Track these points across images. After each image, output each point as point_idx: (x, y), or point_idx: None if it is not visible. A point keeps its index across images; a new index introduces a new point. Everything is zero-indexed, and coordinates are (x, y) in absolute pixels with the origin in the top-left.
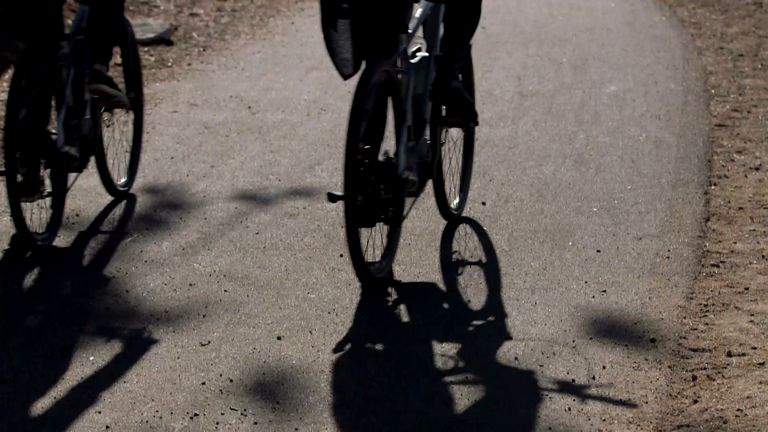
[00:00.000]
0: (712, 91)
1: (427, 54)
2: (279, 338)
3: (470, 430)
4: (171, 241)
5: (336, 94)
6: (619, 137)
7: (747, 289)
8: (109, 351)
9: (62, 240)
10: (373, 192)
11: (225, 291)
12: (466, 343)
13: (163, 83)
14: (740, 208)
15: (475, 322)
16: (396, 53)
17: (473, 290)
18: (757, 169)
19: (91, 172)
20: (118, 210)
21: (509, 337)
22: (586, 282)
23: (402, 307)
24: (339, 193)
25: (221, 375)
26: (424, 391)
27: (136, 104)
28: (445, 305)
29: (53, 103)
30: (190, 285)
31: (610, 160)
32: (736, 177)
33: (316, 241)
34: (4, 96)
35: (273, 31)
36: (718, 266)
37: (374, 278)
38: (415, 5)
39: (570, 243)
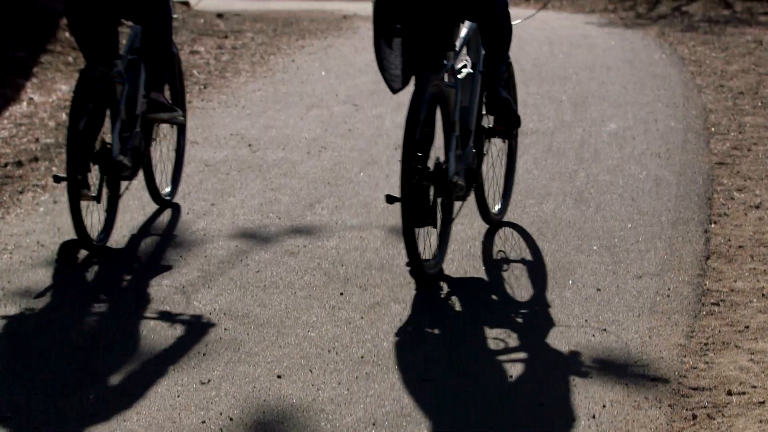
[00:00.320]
0: (713, 129)
1: (471, 70)
2: (279, 377)
3: None
4: (171, 279)
5: (336, 132)
6: (619, 175)
7: (747, 327)
8: (109, 388)
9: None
10: (425, 195)
11: (225, 329)
12: (466, 381)
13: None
14: (740, 247)
15: (474, 359)
16: (444, 69)
17: (471, 330)
18: (757, 207)
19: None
20: (122, 243)
21: (509, 375)
22: (586, 320)
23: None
24: (396, 195)
25: (221, 413)
26: None
27: (170, 67)
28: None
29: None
30: (191, 323)
31: (610, 198)
32: (736, 215)
33: (317, 279)
34: (5, 133)
35: (274, 69)
36: (718, 305)
37: (428, 275)
38: (461, 25)
39: (570, 281)
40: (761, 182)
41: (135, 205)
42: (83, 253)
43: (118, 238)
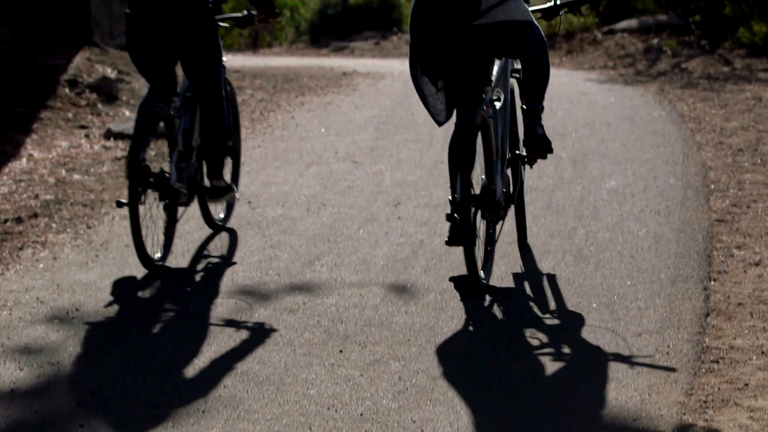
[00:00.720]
0: (712, 186)
1: (502, 103)
2: None
3: None
4: (170, 336)
5: (336, 189)
6: (618, 232)
7: (746, 385)
8: None
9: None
10: (474, 216)
11: (224, 386)
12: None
13: None
14: (740, 304)
15: (473, 420)
16: (484, 102)
17: (466, 393)
18: (756, 264)
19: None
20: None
21: None
22: (585, 378)
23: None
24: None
25: None
26: None
27: (233, 153)
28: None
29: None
30: (190, 380)
31: (609, 256)
32: (736, 272)
33: (316, 336)
34: (5, 189)
35: (273, 126)
36: (717, 362)
37: (481, 287)
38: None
39: (569, 339)
40: (761, 239)
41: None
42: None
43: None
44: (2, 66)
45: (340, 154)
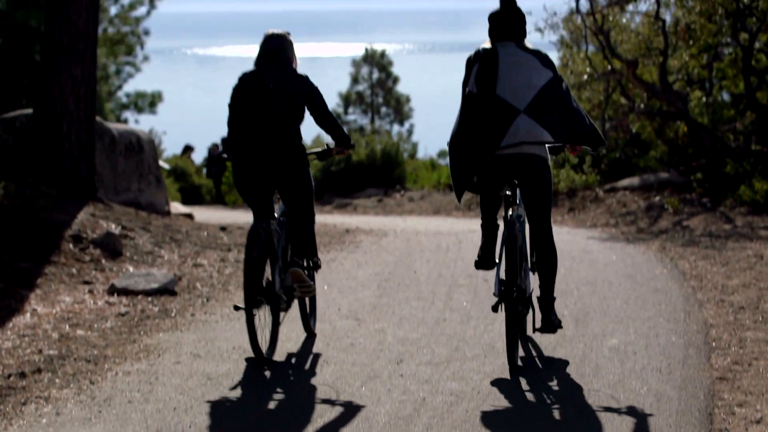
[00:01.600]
0: (713, 343)
1: (522, 215)
2: None
3: None
4: None
5: (338, 347)
6: (620, 390)
7: None
8: None
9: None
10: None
11: None
12: None
13: (167, 333)
14: None
15: None
16: (515, 214)
17: None
18: (758, 422)
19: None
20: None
21: None
22: None
23: None
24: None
25: None
26: None
27: (315, 267)
28: None
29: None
30: None
31: (611, 415)
32: (737, 431)
33: None
34: (9, 344)
35: None
36: None
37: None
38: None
39: None
40: (762, 397)
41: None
42: None
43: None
44: (7, 221)
45: (343, 311)
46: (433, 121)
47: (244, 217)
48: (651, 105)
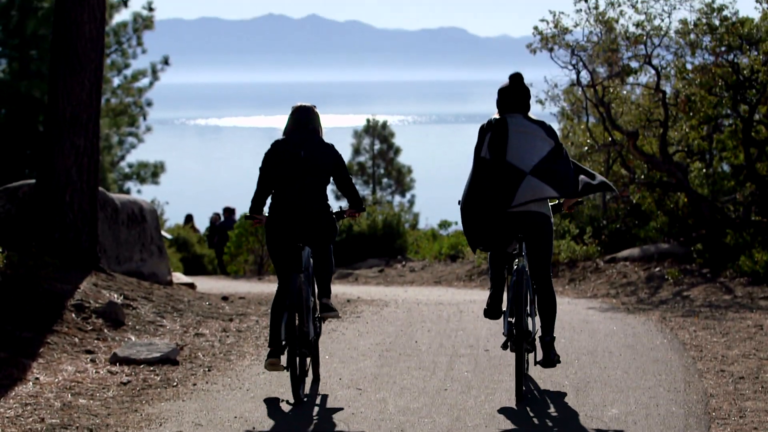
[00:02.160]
0: (713, 413)
1: (525, 265)
2: None
3: None
4: None
5: (339, 417)
6: None
7: None
8: None
9: None
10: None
11: None
12: None
13: (169, 403)
14: None
15: None
16: (522, 265)
17: None
18: None
19: None
20: None
21: None
22: None
23: None
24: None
25: None
26: None
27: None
28: None
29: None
30: None
31: None
32: None
33: None
34: (11, 413)
35: None
36: None
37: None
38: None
39: None
40: None
41: None
42: None
43: None
44: (9, 290)
45: (344, 380)
46: (434, 192)
47: (246, 287)
48: (651, 176)
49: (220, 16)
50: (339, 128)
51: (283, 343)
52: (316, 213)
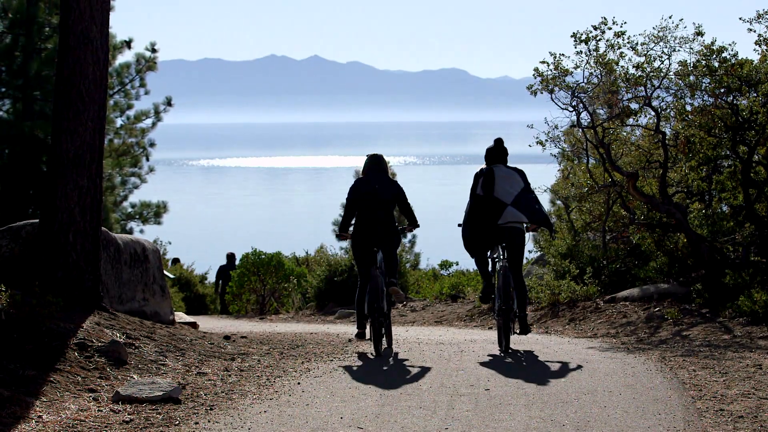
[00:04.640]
0: None
1: (506, 265)
2: None
3: None
4: None
5: None
6: None
7: None
8: None
9: None
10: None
11: None
12: None
13: None
14: None
15: None
16: (505, 265)
17: None
18: None
19: None
20: None
21: None
22: None
23: None
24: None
25: None
26: None
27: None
28: None
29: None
30: None
31: None
32: None
33: None
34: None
35: (279, 391)
36: None
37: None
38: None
39: None
40: None
41: None
42: None
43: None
44: (13, 329)
45: (346, 420)
46: (434, 232)
47: (247, 327)
48: (651, 217)
49: (223, 57)
50: (340, 168)
51: (366, 314)
52: (386, 227)
